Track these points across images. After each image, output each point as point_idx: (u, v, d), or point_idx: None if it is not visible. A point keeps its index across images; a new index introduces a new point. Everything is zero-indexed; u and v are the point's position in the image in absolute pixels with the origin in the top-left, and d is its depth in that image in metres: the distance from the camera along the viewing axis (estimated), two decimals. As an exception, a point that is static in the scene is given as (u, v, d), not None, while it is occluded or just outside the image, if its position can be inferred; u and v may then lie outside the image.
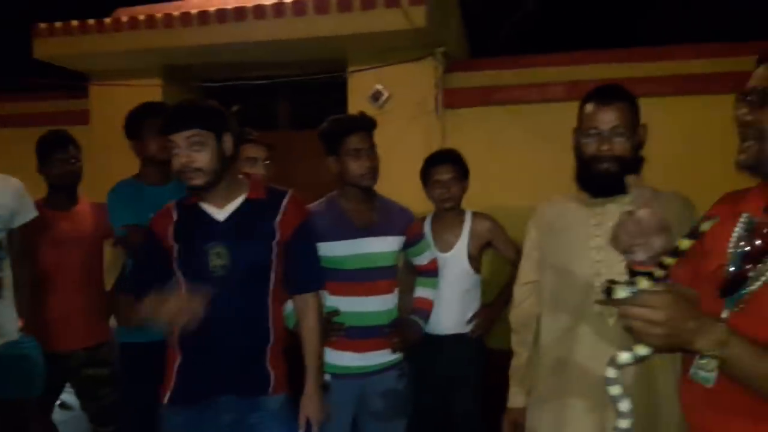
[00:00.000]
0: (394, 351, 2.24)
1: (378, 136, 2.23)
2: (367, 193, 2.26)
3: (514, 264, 2.64)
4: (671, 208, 1.71)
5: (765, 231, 1.19)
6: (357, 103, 3.55)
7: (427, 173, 2.64)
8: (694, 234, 1.13)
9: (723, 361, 1.02)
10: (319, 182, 2.46)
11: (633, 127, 1.73)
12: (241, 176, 1.97)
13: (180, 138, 1.76)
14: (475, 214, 2.65)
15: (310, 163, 3.27)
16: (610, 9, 5.22)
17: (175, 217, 1.90)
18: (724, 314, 1.19)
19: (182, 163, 1.77)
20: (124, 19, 3.90)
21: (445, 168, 2.59)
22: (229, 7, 3.65)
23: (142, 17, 3.84)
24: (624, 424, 1.17)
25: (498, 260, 2.74)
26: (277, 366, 1.89)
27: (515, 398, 1.95)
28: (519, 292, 1.98)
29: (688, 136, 3.29)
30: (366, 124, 2.23)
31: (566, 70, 3.56)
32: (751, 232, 1.22)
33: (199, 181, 1.78)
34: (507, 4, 4.99)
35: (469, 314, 2.58)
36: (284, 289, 1.96)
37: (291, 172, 3.50)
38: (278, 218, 1.89)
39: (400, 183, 2.80)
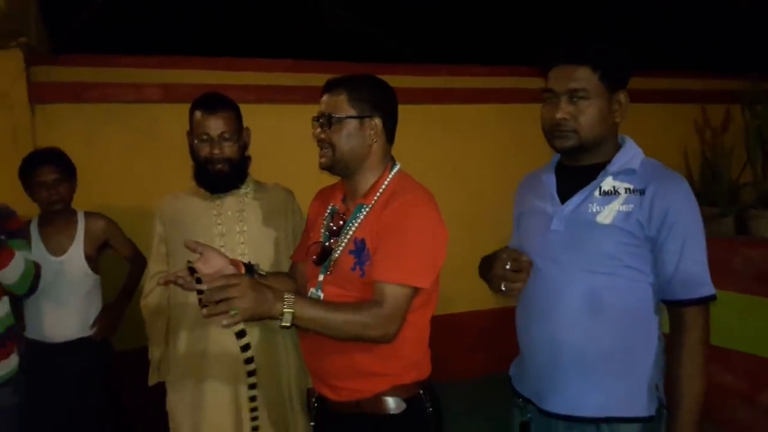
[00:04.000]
0: None
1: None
2: None
3: (132, 261, 2.71)
4: (276, 197, 2.10)
5: (341, 215, 1.67)
6: None
7: (27, 175, 2.47)
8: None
9: (294, 317, 1.40)
10: None
11: (238, 131, 2.01)
12: None
13: None
14: (87, 214, 2.60)
15: None
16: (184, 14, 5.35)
17: None
18: (321, 278, 1.63)
19: None
20: None
21: (49, 168, 2.47)
22: None
23: None
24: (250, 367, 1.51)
25: (115, 258, 2.74)
26: None
27: (161, 374, 2.08)
28: (148, 283, 2.09)
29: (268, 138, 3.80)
30: None
31: (160, 73, 3.70)
32: (334, 216, 1.69)
33: None
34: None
35: (92, 317, 2.54)
36: None
37: None
38: None
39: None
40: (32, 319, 2.46)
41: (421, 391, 1.62)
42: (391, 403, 1.58)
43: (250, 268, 1.71)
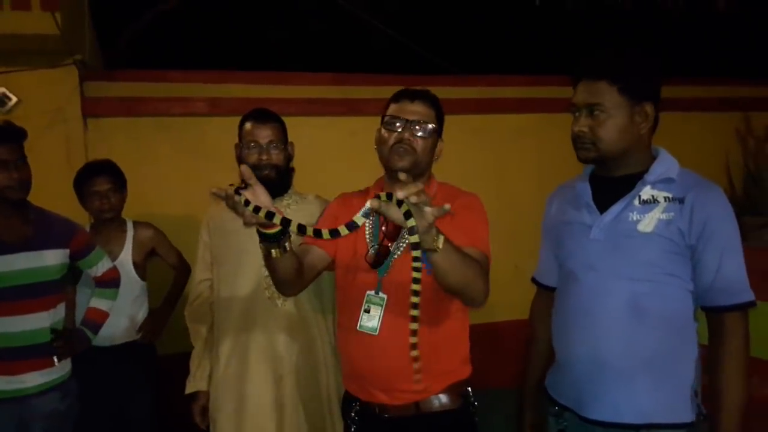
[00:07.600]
0: (59, 357, 2.17)
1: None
2: (19, 206, 2.14)
3: (177, 268, 2.81)
4: (317, 208, 2.16)
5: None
6: (-22, 108, 3.19)
7: (82, 185, 2.59)
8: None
9: (445, 240, 1.32)
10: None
11: (284, 142, 2.11)
12: None
13: None
14: (136, 223, 2.71)
15: None
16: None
17: None
18: (380, 278, 1.65)
19: None
20: None
21: (103, 179, 2.59)
22: None
23: None
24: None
25: (161, 266, 2.85)
26: None
27: (196, 383, 2.13)
28: (194, 290, 2.17)
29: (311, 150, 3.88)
30: (13, 135, 2.12)
31: (206, 87, 3.82)
32: (387, 220, 1.61)
33: None
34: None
35: (139, 322, 2.64)
36: None
37: None
38: None
39: (38, 193, 2.64)
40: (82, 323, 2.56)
41: (468, 388, 1.72)
42: (448, 400, 1.66)
43: (286, 222, 1.50)
